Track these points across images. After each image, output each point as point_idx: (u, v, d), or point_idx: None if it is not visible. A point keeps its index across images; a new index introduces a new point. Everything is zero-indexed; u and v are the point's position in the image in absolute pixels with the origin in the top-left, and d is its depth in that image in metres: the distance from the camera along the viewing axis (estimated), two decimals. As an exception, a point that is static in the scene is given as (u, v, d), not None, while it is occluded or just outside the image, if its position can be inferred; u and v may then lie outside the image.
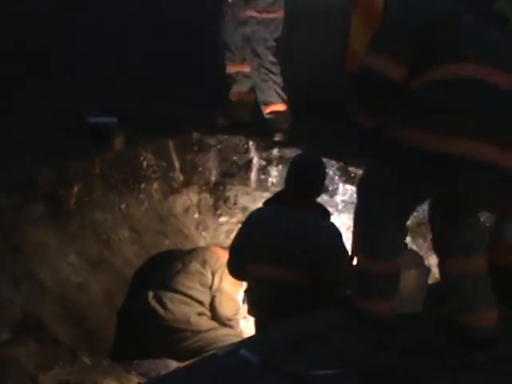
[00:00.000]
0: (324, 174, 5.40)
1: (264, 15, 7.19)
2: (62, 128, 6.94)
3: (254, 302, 5.23)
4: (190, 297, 5.92)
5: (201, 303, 5.94)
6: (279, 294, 4.94)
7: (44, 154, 6.36)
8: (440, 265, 4.11)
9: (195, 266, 6.03)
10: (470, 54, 3.69)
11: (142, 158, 6.82)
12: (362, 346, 3.92)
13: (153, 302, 5.90)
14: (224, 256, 6.06)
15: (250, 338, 4.24)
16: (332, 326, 4.10)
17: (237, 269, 5.29)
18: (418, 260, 4.47)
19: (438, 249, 4.13)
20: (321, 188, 5.36)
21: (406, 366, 3.80)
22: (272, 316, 4.86)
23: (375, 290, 4.13)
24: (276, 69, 7.30)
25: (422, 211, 5.33)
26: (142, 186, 6.82)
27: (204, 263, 6.04)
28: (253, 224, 5.20)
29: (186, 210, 7.15)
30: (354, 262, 4.32)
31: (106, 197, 6.49)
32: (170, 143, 7.06)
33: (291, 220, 4.98)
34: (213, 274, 6.01)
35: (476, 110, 3.63)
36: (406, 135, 3.70)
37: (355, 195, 4.32)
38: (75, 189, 6.25)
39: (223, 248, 6.42)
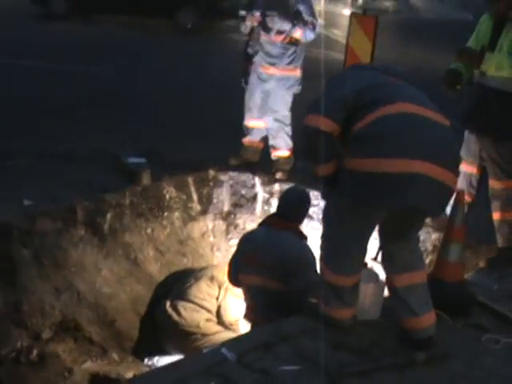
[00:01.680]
0: (306, 205, 5.55)
1: (283, 73, 7.18)
2: (101, 166, 7.09)
3: (248, 308, 5.43)
4: (200, 305, 6.05)
5: (209, 311, 6.06)
6: (266, 301, 5.14)
7: (84, 186, 6.53)
8: (387, 280, 4.25)
9: (205, 280, 6.15)
10: (397, 98, 3.91)
11: (165, 191, 6.89)
12: (324, 347, 4.05)
13: (170, 310, 6.03)
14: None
15: (232, 339, 4.35)
16: (301, 329, 4.23)
17: (232, 277, 5.49)
18: (375, 276, 4.58)
19: (385, 267, 4.26)
20: (302, 215, 5.53)
21: (359, 363, 3.93)
22: (261, 319, 5.03)
23: (339, 300, 4.27)
24: (288, 120, 7.30)
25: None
26: (165, 214, 6.87)
27: (212, 278, 6.16)
28: (244, 241, 5.43)
29: (203, 234, 7.19)
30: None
31: (134, 223, 6.58)
32: (190, 179, 7.13)
33: (273, 239, 5.20)
34: (219, 287, 6.12)
35: (412, 136, 3.78)
36: (357, 164, 3.81)
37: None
38: (108, 216, 6.36)
39: (230, 266, 6.56)
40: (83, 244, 6.14)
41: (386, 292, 4.56)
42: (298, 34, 6.96)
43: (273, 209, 7.16)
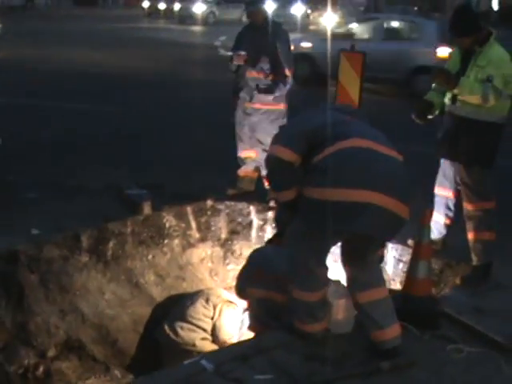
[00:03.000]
0: None
1: (267, 107, 7.42)
2: (106, 198, 7.36)
3: (252, 319, 5.55)
4: (196, 325, 6.23)
5: (204, 330, 6.25)
6: (271, 312, 5.27)
7: (89, 217, 6.80)
8: (352, 297, 4.47)
9: (200, 302, 6.36)
10: (353, 134, 4.16)
11: (165, 220, 7.12)
12: (296, 358, 4.27)
13: (168, 330, 6.24)
14: (224, 294, 6.46)
15: (212, 351, 4.58)
16: (277, 343, 4.46)
17: (241, 291, 5.61)
18: (346, 290, 4.76)
19: (348, 285, 4.49)
20: None
21: (327, 373, 4.16)
22: (265, 330, 5.20)
23: (310, 315, 4.51)
24: None
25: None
26: (166, 241, 7.09)
27: (207, 300, 6.37)
28: (253, 257, 5.68)
29: (201, 260, 7.38)
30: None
31: (136, 249, 6.82)
32: (189, 208, 7.37)
33: (278, 255, 5.32)
34: (214, 308, 6.31)
35: (364, 168, 4.04)
36: (313, 193, 4.06)
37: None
38: (111, 244, 6.62)
39: (225, 288, 6.79)
40: (87, 269, 6.38)
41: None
42: (277, 92, 7.33)
43: (267, 234, 7.38)
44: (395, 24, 17.60)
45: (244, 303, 5.87)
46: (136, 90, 15.42)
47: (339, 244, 4.50)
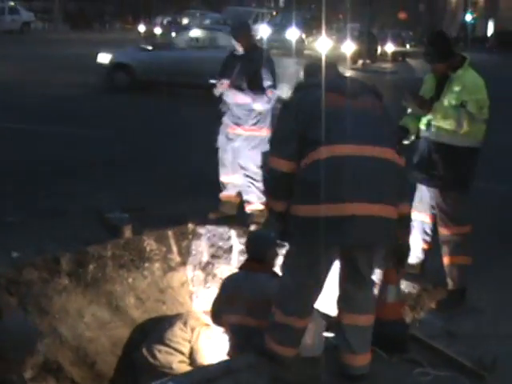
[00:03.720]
0: (272, 244, 5.81)
1: (249, 132, 7.52)
2: (87, 221, 7.45)
3: (230, 345, 5.61)
4: (174, 348, 6.27)
5: (182, 353, 6.28)
6: (247, 337, 5.31)
7: (69, 240, 6.90)
8: (337, 314, 4.53)
9: (178, 325, 6.41)
10: (336, 138, 4.16)
11: (145, 244, 7.24)
12: (263, 381, 4.35)
13: (145, 353, 6.29)
14: (202, 317, 6.53)
15: (182, 373, 4.64)
16: (246, 365, 4.54)
17: (216, 318, 5.74)
18: (317, 313, 4.84)
19: (338, 301, 4.53)
20: (272, 255, 5.85)
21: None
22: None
23: (290, 340, 4.53)
24: (258, 176, 7.59)
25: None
26: (146, 265, 7.20)
27: (185, 323, 6.42)
28: (226, 284, 5.78)
29: (182, 283, 7.47)
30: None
31: (116, 273, 6.92)
32: (170, 232, 7.48)
33: (251, 280, 5.51)
34: (192, 331, 6.38)
35: (346, 180, 4.07)
36: (298, 210, 4.13)
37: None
38: (91, 267, 6.72)
39: (204, 312, 6.86)
40: (67, 292, 6.48)
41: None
42: (257, 106, 7.38)
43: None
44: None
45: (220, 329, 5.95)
46: (127, 113, 15.55)
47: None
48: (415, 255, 6.43)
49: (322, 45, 34.13)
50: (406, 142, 6.20)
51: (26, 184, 8.94)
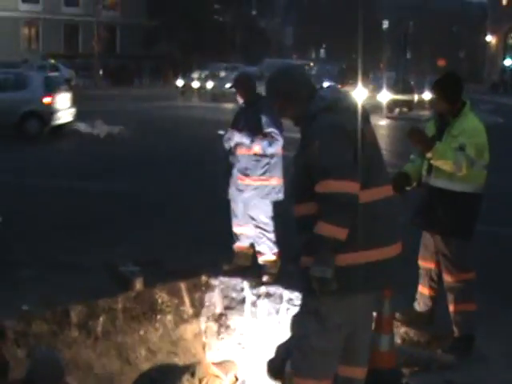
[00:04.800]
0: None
1: (258, 182, 7.61)
2: (99, 275, 7.66)
3: None
4: (181, 399, 6.45)
5: (188, 404, 6.46)
6: None
7: (81, 293, 7.08)
8: None
9: (186, 376, 6.56)
10: (376, 180, 4.22)
11: (157, 296, 7.38)
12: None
13: (153, 403, 6.45)
14: (212, 368, 6.64)
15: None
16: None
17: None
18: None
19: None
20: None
21: None
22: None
23: None
24: (269, 227, 7.67)
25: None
26: (158, 317, 7.32)
27: (193, 374, 6.56)
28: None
29: (195, 335, 7.57)
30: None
31: (127, 325, 7.06)
32: (182, 285, 7.63)
33: None
34: (200, 382, 6.52)
35: (383, 225, 4.19)
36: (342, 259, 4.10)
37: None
38: (101, 319, 6.88)
39: (215, 363, 6.98)
40: (77, 345, 6.64)
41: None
42: (256, 148, 7.50)
43: (260, 309, 7.59)
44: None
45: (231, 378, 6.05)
46: (149, 166, 15.95)
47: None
48: (424, 303, 6.48)
49: (358, 94, 34.42)
50: (408, 189, 6.30)
51: (41, 238, 9.21)
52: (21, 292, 7.02)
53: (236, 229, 7.98)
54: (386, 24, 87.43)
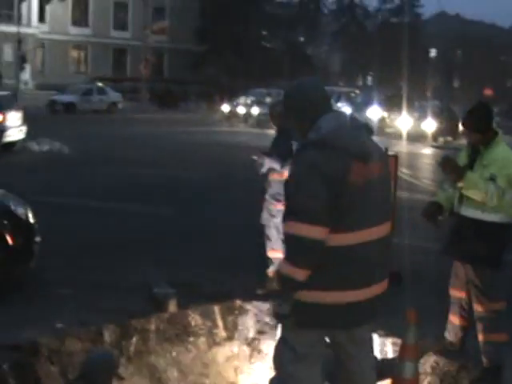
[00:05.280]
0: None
1: None
2: (133, 295, 7.82)
3: None
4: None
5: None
6: None
7: (115, 313, 7.24)
8: None
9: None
10: (354, 224, 4.11)
11: (190, 319, 7.49)
12: None
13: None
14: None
15: None
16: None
17: None
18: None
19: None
20: None
21: None
22: None
23: None
24: None
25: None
26: (191, 339, 7.42)
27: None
28: None
29: (227, 358, 7.63)
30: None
31: (160, 346, 7.18)
32: (216, 307, 7.74)
33: None
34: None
35: (360, 267, 4.15)
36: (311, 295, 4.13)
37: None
38: (134, 339, 7.01)
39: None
40: (109, 364, 6.76)
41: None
42: (286, 173, 7.60)
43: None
44: None
45: None
46: (188, 191, 16.18)
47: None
48: (454, 332, 6.50)
49: (403, 123, 34.42)
50: (440, 218, 6.36)
51: (80, 257, 9.44)
52: (56, 310, 7.20)
53: (270, 253, 8.10)
54: (433, 52, 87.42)
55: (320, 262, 4.02)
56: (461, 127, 6.68)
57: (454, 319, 6.49)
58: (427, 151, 30.90)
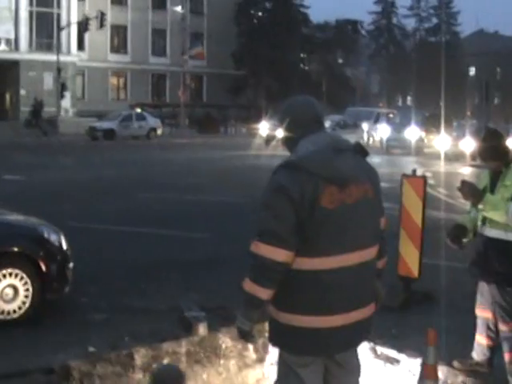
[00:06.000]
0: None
1: None
2: (165, 319, 7.96)
3: None
4: None
5: None
6: None
7: (146, 336, 7.39)
8: None
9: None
10: (328, 248, 4.07)
11: (221, 341, 7.60)
12: None
13: None
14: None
15: None
16: None
17: None
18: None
19: None
20: None
21: None
22: None
23: None
24: None
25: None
26: (222, 361, 7.52)
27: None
28: None
29: (258, 381, 7.72)
30: None
31: (191, 369, 7.29)
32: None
33: None
34: (259, 426, 6.69)
35: (336, 293, 4.11)
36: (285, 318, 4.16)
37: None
38: (165, 362, 7.15)
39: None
40: (140, 387, 6.93)
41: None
42: None
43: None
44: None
45: None
46: (223, 215, 16.32)
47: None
48: (482, 353, 6.54)
49: (441, 142, 34.33)
50: (464, 240, 6.43)
51: (114, 282, 9.66)
52: (88, 333, 7.38)
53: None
54: (472, 71, 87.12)
55: (287, 285, 4.07)
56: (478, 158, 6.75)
57: (481, 339, 6.53)
58: (465, 171, 30.77)
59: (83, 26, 54.29)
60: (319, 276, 4.05)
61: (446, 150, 33.47)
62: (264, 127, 48.66)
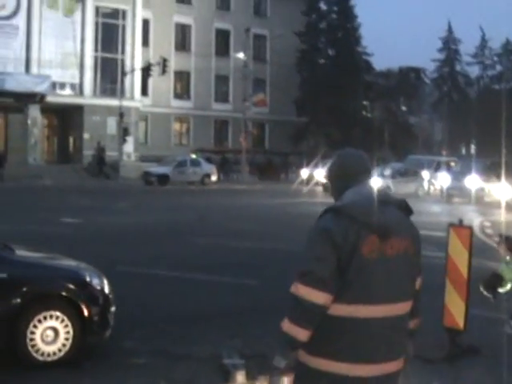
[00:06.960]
0: None
1: None
2: (205, 366, 8.01)
3: None
4: None
5: None
6: None
7: (182, 382, 7.45)
8: None
9: None
10: (370, 298, 4.07)
11: (258, 388, 7.64)
12: None
13: None
14: None
15: None
16: None
17: None
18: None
19: None
20: None
21: None
22: None
23: None
24: None
25: None
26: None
27: None
28: None
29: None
30: None
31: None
32: (285, 379, 7.79)
33: None
34: None
35: (371, 342, 4.07)
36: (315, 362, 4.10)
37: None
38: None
39: None
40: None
41: None
42: None
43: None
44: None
45: None
46: (276, 263, 16.16)
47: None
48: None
49: (502, 191, 33.87)
50: (501, 291, 6.33)
51: (157, 327, 9.71)
52: (128, 379, 7.45)
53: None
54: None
55: (319, 329, 4.07)
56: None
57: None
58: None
59: (146, 72, 55.30)
60: (350, 323, 4.07)
61: (507, 199, 32.98)
62: (319, 174, 48.43)
